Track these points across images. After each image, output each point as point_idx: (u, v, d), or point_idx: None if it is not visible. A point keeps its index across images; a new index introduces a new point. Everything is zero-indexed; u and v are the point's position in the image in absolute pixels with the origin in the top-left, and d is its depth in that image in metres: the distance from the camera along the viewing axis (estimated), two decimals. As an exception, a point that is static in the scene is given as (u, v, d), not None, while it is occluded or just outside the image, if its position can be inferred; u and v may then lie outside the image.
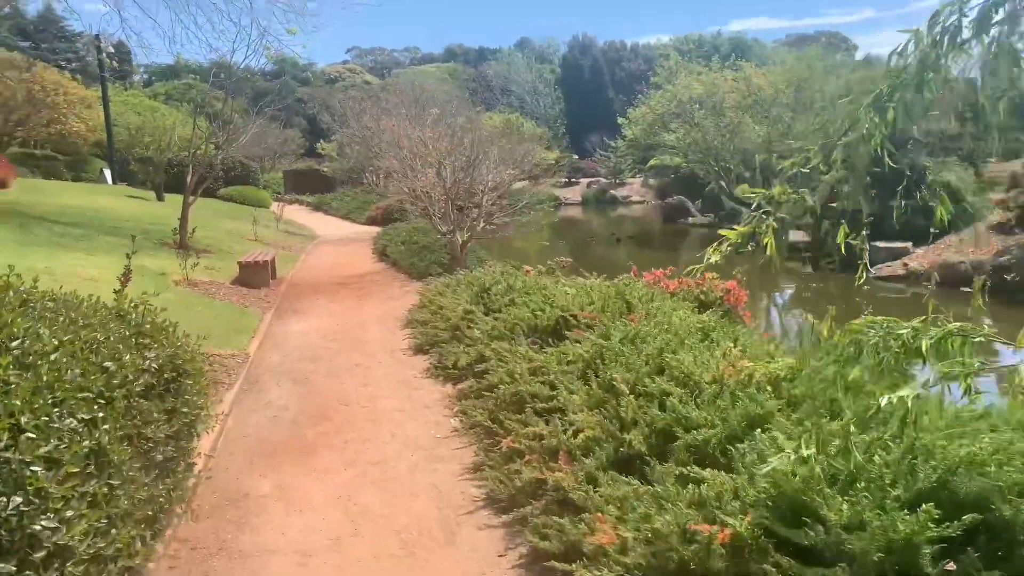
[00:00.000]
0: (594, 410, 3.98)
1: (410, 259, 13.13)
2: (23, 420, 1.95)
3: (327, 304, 10.40)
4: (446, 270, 12.10)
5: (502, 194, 13.16)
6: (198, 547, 3.65)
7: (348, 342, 8.15)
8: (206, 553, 3.61)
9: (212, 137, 14.44)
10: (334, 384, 6.58)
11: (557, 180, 32.07)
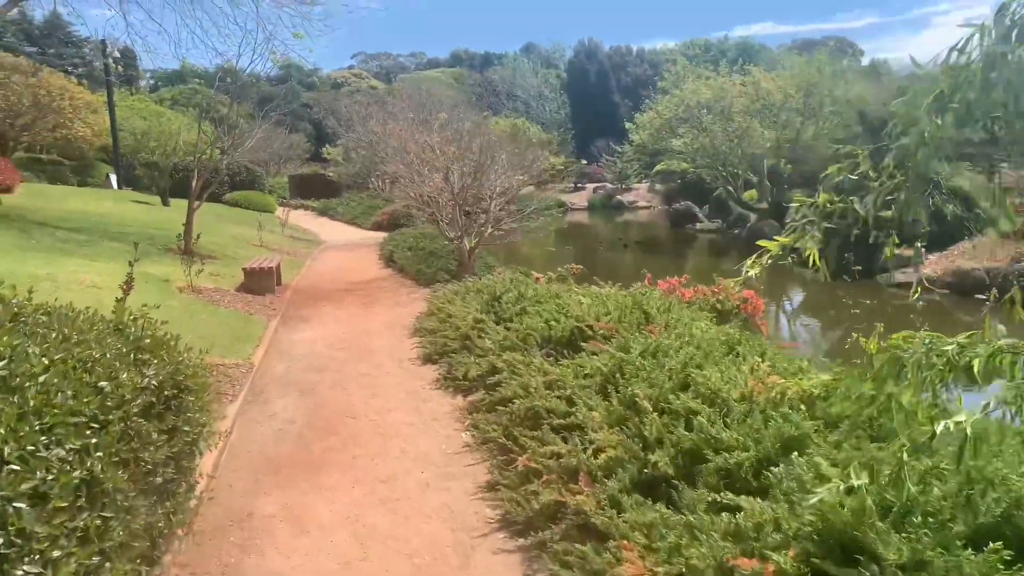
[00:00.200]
0: (615, 428, 3.79)
1: (417, 265, 12.96)
2: (6, 451, 1.78)
3: (333, 311, 10.23)
4: (454, 276, 11.93)
5: (510, 199, 13.00)
6: (199, 572, 3.48)
7: (355, 351, 7.98)
8: (208, 579, 3.44)
9: (217, 142, 14.32)
10: (341, 395, 6.40)
11: (566, 186, 31.87)
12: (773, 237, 2.49)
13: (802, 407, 3.30)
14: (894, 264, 19.97)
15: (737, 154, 28.48)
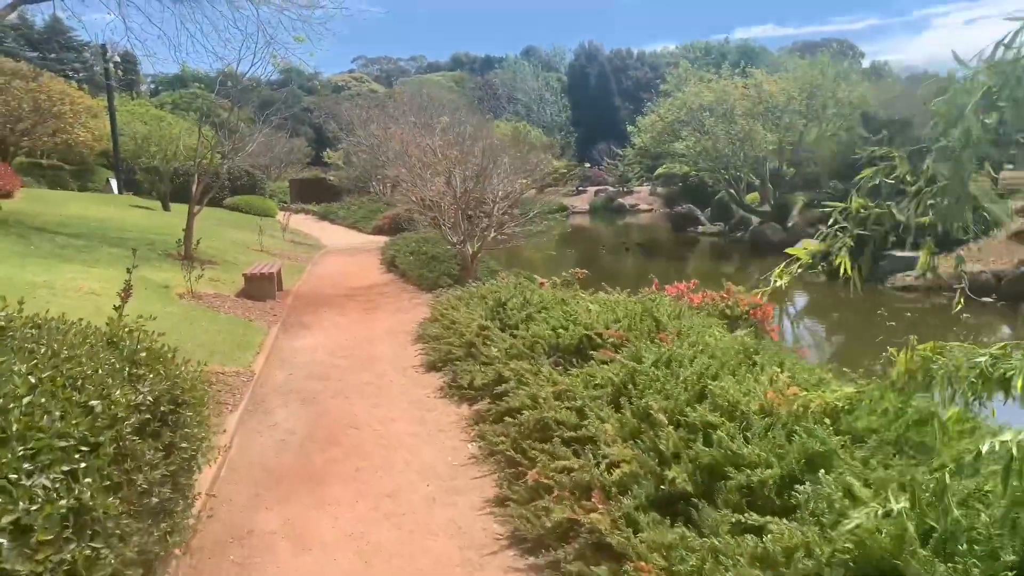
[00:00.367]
0: (628, 441, 3.65)
1: (419, 270, 12.83)
2: (-14, 480, 1.64)
3: (335, 317, 10.10)
4: (456, 281, 11.80)
5: (513, 203, 12.87)
6: (197, 594, 3.34)
7: (357, 359, 7.84)
8: (206, 601, 3.30)
9: (218, 146, 14.21)
10: (343, 405, 6.26)
11: (569, 189, 31.75)
12: (801, 244, 2.36)
13: (826, 421, 3.16)
14: (899, 267, 19.84)
15: (740, 157, 28.36)
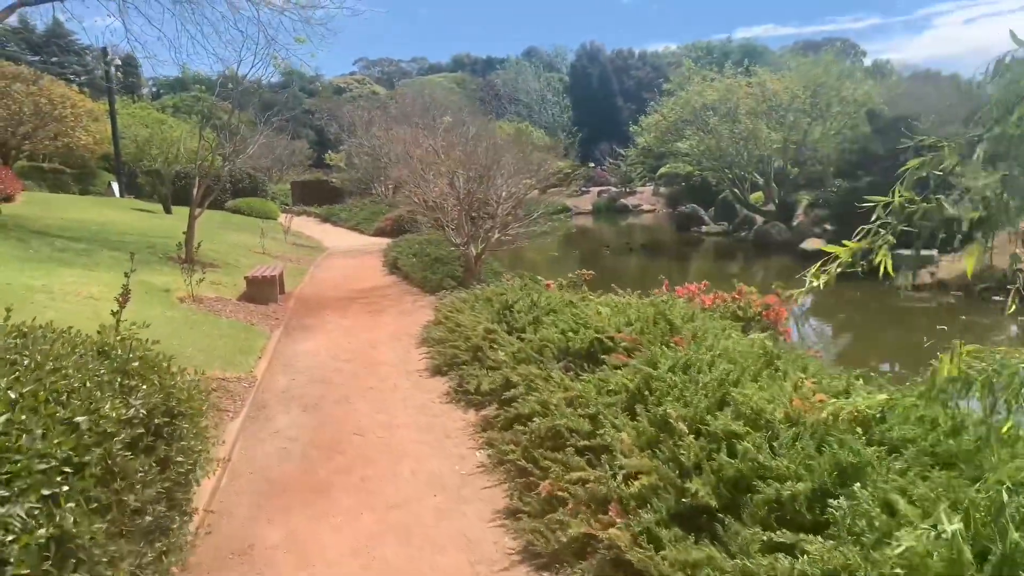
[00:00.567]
0: (646, 451, 3.48)
1: (422, 272, 12.67)
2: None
3: (337, 320, 9.94)
4: (460, 283, 11.65)
5: (517, 204, 12.72)
6: (196, 615, 3.18)
7: (361, 363, 7.68)
8: (205, 622, 3.14)
9: (219, 148, 14.07)
10: (347, 411, 6.10)
11: (574, 190, 31.57)
12: (842, 242, 2.19)
13: (858, 430, 2.99)
14: (908, 265, 19.62)
15: (744, 156, 28.16)
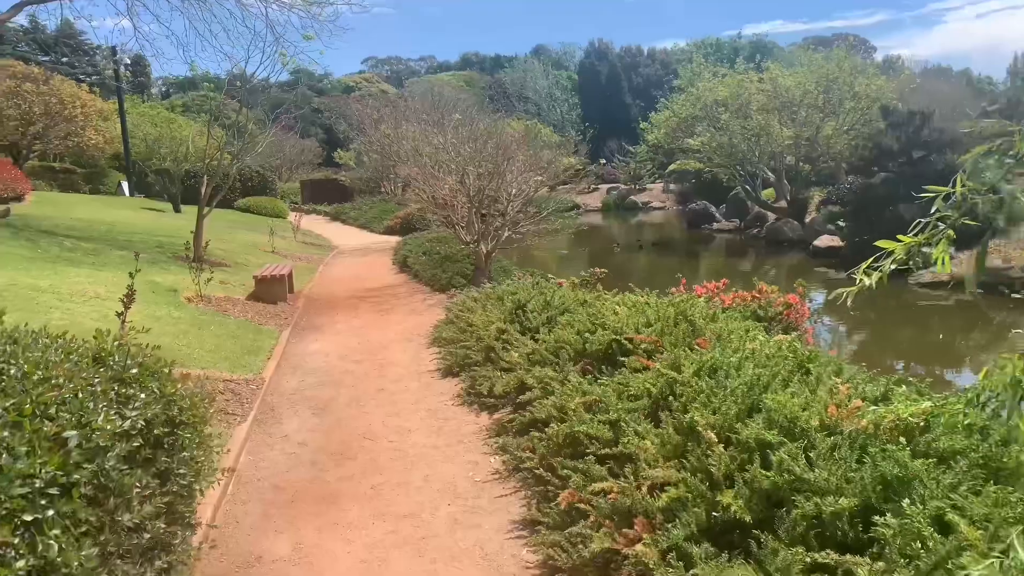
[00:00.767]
0: (672, 461, 3.30)
1: (432, 270, 12.53)
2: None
3: (347, 320, 9.81)
4: (469, 282, 11.50)
5: (527, 201, 12.54)
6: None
7: (371, 364, 7.54)
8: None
9: (227, 146, 13.98)
10: (357, 414, 5.95)
11: (585, 187, 31.31)
12: (897, 237, 2.01)
13: (901, 440, 2.80)
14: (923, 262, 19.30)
15: (755, 152, 27.85)
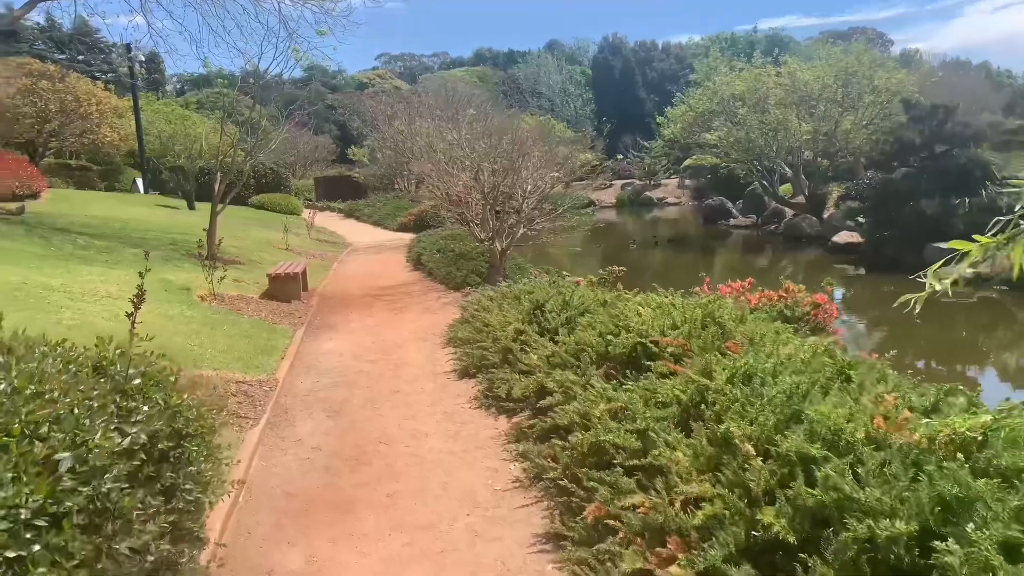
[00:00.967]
0: (706, 474, 3.11)
1: (446, 268, 12.37)
2: None
3: (361, 319, 9.68)
4: (484, 280, 11.34)
5: (543, 198, 12.34)
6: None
7: (385, 364, 7.39)
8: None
9: (241, 143, 13.89)
10: (372, 416, 5.80)
11: (602, 183, 31.05)
12: (972, 237, 1.81)
13: (959, 456, 2.59)
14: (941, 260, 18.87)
15: (773, 147, 27.44)
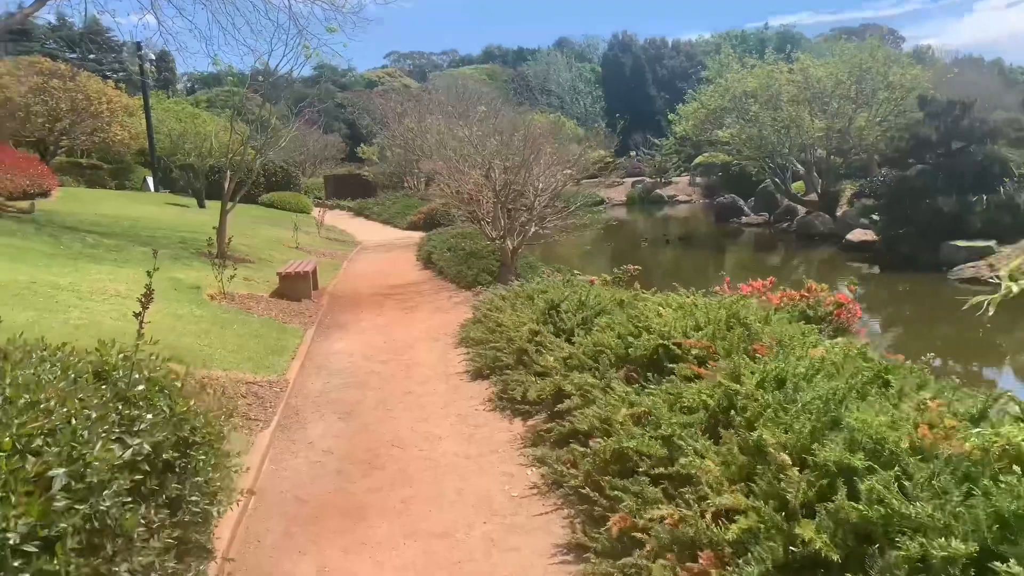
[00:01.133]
0: (738, 484, 2.95)
1: (457, 267, 12.24)
2: None
3: (372, 318, 9.56)
4: (495, 279, 11.20)
5: (555, 196, 12.17)
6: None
7: (397, 365, 7.26)
8: None
9: (250, 141, 13.80)
10: (384, 419, 5.67)
11: (615, 180, 30.83)
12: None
13: (1015, 468, 2.43)
14: (960, 258, 18.60)
15: (786, 145, 27.12)
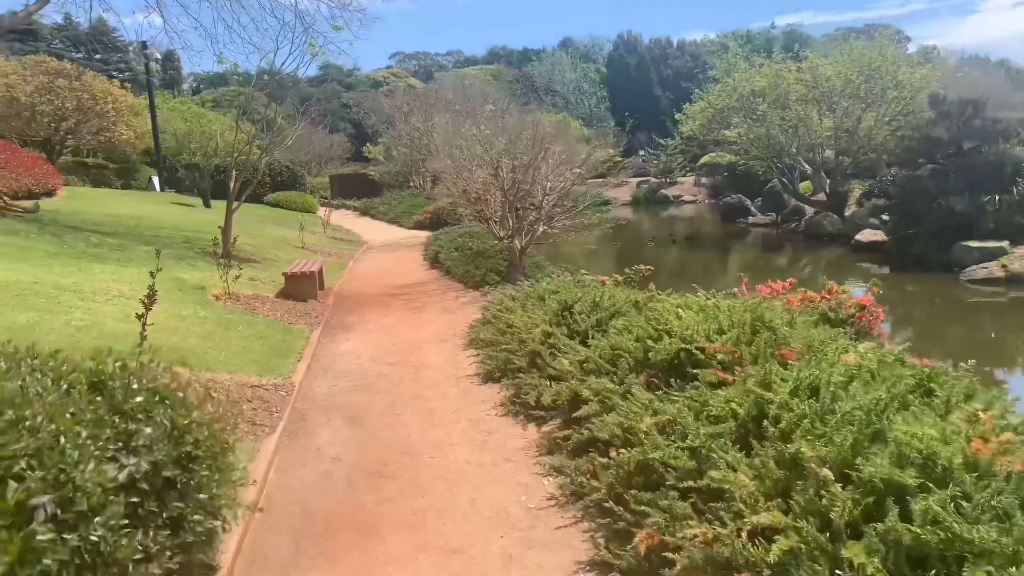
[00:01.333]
0: (774, 500, 2.77)
1: (464, 266, 12.08)
2: None
3: (379, 319, 9.40)
4: (503, 279, 11.05)
5: (563, 195, 12.01)
6: None
7: (405, 367, 7.10)
8: None
9: (256, 140, 13.67)
10: (394, 424, 5.50)
11: (623, 180, 30.62)
12: None
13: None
14: (972, 259, 18.34)
15: (794, 144, 26.88)
